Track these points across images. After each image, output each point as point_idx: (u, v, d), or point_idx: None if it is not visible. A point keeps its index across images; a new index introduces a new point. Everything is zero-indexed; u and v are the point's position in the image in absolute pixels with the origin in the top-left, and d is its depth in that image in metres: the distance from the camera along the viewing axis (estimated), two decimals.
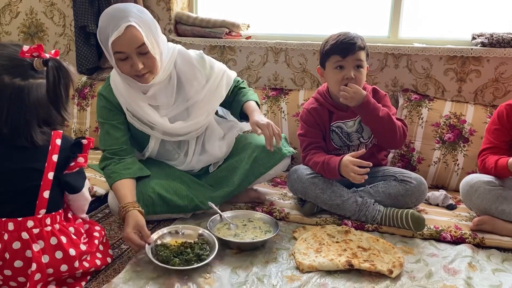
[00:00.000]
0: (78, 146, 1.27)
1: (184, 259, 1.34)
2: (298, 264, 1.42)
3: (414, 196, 1.73)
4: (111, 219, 1.78)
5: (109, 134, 1.68)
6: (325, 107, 1.86)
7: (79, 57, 2.65)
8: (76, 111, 2.65)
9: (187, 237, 1.50)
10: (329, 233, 1.60)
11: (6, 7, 3.00)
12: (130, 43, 1.51)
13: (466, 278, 1.36)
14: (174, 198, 1.67)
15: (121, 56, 1.54)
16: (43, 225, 1.21)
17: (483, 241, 1.59)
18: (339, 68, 1.76)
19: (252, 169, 1.77)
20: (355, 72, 1.75)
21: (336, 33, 1.80)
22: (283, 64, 2.52)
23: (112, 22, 1.49)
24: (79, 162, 1.26)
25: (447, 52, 2.22)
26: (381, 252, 1.48)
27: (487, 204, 1.67)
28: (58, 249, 1.21)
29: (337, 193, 1.74)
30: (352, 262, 1.39)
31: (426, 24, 2.43)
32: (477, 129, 2.08)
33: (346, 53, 1.73)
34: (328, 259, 1.42)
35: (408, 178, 1.74)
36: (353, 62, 1.74)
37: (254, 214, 1.71)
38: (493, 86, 2.23)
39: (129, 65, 1.56)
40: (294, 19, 2.64)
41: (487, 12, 2.33)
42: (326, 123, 1.86)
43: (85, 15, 2.56)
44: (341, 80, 1.75)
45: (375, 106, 1.74)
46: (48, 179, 1.21)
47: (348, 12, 2.54)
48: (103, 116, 1.70)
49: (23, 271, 1.18)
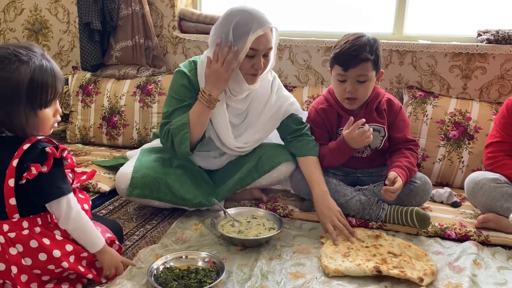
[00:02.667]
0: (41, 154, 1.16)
1: (184, 283, 1.28)
2: (324, 268, 1.37)
3: (418, 196, 1.72)
4: (115, 215, 1.79)
5: (177, 110, 1.69)
6: (334, 109, 1.80)
7: (83, 54, 2.65)
8: (80, 108, 2.66)
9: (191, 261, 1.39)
10: (359, 237, 1.53)
11: (10, 4, 3.01)
12: (267, 43, 1.62)
13: (471, 276, 1.35)
14: (180, 189, 1.69)
15: (252, 53, 1.62)
16: (19, 229, 1.16)
17: (488, 239, 1.58)
18: (341, 81, 1.71)
19: (256, 166, 1.79)
20: (357, 86, 1.68)
21: (348, 35, 1.71)
22: (287, 61, 2.52)
23: (255, 20, 1.58)
24: (31, 173, 1.13)
25: (452, 49, 2.21)
26: (413, 258, 1.41)
27: (492, 201, 1.66)
28: (40, 251, 1.17)
29: (340, 193, 1.72)
30: (380, 268, 1.33)
31: (431, 21, 2.42)
32: (482, 126, 2.07)
33: (347, 67, 1.66)
34: (355, 264, 1.36)
35: (413, 178, 1.73)
36: (355, 77, 1.67)
37: (258, 211, 1.71)
38: (499, 83, 2.22)
39: (251, 63, 1.64)
40: (299, 16, 2.63)
41: (492, 9, 2.32)
42: (334, 127, 1.81)
43: (89, 12, 2.56)
44: (342, 92, 1.71)
45: (407, 181, 1.68)
46: (9, 186, 1.14)
47: (352, 9, 2.53)
48: (178, 93, 1.71)
49: (7, 274, 1.15)
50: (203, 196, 1.73)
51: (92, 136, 2.63)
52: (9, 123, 1.17)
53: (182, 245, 1.52)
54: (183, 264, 1.37)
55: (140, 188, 1.68)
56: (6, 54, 1.15)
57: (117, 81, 2.65)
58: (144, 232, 1.65)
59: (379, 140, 1.78)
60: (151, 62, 2.73)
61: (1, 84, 1.14)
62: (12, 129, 1.19)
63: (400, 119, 1.80)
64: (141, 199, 1.72)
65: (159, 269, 1.34)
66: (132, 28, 2.62)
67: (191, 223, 1.68)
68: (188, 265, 1.37)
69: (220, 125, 1.73)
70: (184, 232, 1.60)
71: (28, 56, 1.17)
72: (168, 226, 1.68)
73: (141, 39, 2.64)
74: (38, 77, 1.16)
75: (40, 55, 1.19)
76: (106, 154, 2.42)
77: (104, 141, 2.62)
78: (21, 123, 1.17)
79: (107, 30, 2.67)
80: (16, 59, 1.15)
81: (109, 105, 2.59)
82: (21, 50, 1.17)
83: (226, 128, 1.74)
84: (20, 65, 1.15)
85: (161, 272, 1.33)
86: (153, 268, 1.32)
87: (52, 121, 1.24)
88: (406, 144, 1.79)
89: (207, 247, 1.52)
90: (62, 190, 1.19)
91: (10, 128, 1.19)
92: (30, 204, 1.19)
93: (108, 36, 2.69)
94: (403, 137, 1.79)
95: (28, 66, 1.15)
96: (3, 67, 1.14)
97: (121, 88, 2.60)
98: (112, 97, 2.59)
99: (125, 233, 1.62)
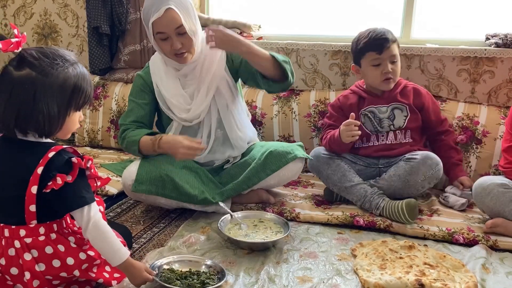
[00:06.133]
0: (66, 164, 1.17)
1: (187, 283, 1.29)
2: (363, 282, 1.33)
3: (421, 172, 1.73)
4: (122, 218, 1.80)
5: (132, 111, 1.83)
6: (356, 94, 1.97)
7: (92, 58, 2.68)
8: (88, 111, 2.68)
9: (195, 265, 1.40)
10: (391, 248, 1.49)
11: (20, 8, 3.05)
12: (169, 23, 1.65)
13: (480, 280, 1.35)
14: (185, 186, 1.70)
15: (162, 36, 1.68)
16: (36, 235, 1.17)
17: (496, 244, 1.57)
18: (376, 65, 1.84)
19: (263, 166, 1.78)
20: (391, 66, 1.84)
21: (364, 30, 1.89)
22: (294, 64, 2.52)
23: (154, 5, 1.64)
24: (56, 182, 1.13)
25: (460, 52, 2.20)
26: (450, 270, 1.38)
27: (500, 206, 1.65)
28: (54, 257, 1.18)
29: (347, 177, 1.81)
30: (423, 281, 1.29)
31: (438, 25, 2.41)
32: (490, 130, 2.05)
33: (382, 49, 1.82)
34: (396, 277, 1.32)
35: (413, 155, 1.76)
36: (388, 57, 1.84)
37: (265, 215, 1.71)
38: (507, 87, 2.21)
39: (169, 44, 1.69)
40: (305, 20, 2.63)
41: (501, 13, 2.30)
42: (354, 108, 1.93)
43: (98, 16, 2.59)
44: (380, 75, 1.85)
45: None
46: (32, 193, 1.15)
47: (360, 12, 2.53)
48: (133, 94, 1.87)
49: (20, 279, 1.17)
50: (209, 193, 1.73)
51: (100, 139, 2.65)
52: (41, 121, 1.15)
53: (189, 248, 1.53)
54: (185, 267, 1.38)
55: (146, 184, 1.69)
56: (55, 52, 1.18)
57: (125, 84, 2.67)
58: (152, 235, 1.66)
59: (402, 119, 1.91)
60: None
61: (50, 80, 1.15)
62: (41, 128, 1.17)
63: (432, 102, 1.99)
64: (147, 196, 1.73)
65: (161, 267, 1.35)
66: (141, 32, 2.64)
67: (198, 226, 1.69)
68: (190, 267, 1.38)
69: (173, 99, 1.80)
70: (191, 235, 1.60)
71: (73, 59, 1.21)
72: (175, 229, 1.69)
73: (149, 43, 2.66)
74: (82, 81, 1.21)
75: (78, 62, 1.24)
76: (114, 157, 2.44)
77: (112, 144, 2.64)
78: (54, 122, 1.17)
79: (115, 34, 2.69)
80: (65, 60, 1.18)
81: (117, 108, 2.61)
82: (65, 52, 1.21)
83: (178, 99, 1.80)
84: (69, 66, 1.18)
85: (163, 271, 1.34)
86: (156, 266, 1.34)
87: (77, 125, 1.27)
88: (442, 126, 1.98)
89: (214, 250, 1.52)
90: (85, 199, 1.18)
91: (39, 127, 1.17)
92: (48, 211, 1.19)
93: (116, 40, 2.72)
94: (438, 119, 1.98)
95: (74, 69, 1.20)
96: (53, 65, 1.16)
97: (129, 92, 2.61)
98: (120, 101, 2.61)
99: (133, 236, 1.63)
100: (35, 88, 1.13)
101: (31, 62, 1.14)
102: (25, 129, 1.18)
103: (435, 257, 1.46)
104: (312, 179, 2.17)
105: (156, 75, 1.82)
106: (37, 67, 1.14)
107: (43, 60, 1.15)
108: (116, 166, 2.22)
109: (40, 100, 1.14)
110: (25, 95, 1.13)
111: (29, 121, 1.15)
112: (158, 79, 1.82)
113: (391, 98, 1.92)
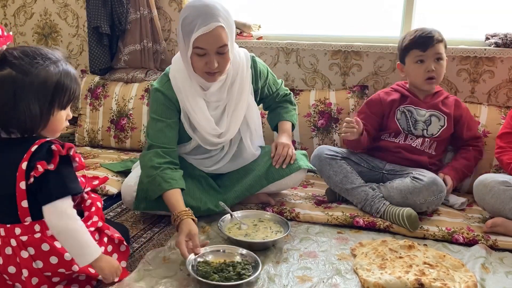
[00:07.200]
0: (47, 153, 1.16)
1: (224, 276, 1.31)
2: (363, 282, 1.33)
3: (422, 195, 1.70)
4: (122, 217, 1.80)
5: (163, 132, 1.66)
6: (398, 92, 1.96)
7: (92, 58, 2.68)
8: (88, 111, 2.68)
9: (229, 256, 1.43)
10: (391, 247, 1.50)
11: (20, 8, 3.05)
12: (214, 41, 1.53)
13: (479, 280, 1.35)
14: (187, 199, 1.65)
15: (200, 52, 1.55)
16: (31, 232, 1.17)
17: (496, 243, 1.58)
18: (420, 62, 1.86)
19: (266, 174, 1.78)
20: (435, 64, 1.85)
21: (413, 30, 1.93)
22: (294, 64, 2.52)
23: (200, 17, 1.50)
24: (37, 170, 1.12)
25: (460, 52, 2.21)
26: (450, 269, 1.38)
27: (501, 204, 1.65)
28: (52, 254, 1.18)
29: (349, 179, 1.81)
30: (422, 280, 1.29)
31: (438, 24, 2.40)
32: (491, 130, 2.05)
33: (426, 47, 1.83)
34: (395, 277, 1.32)
35: (421, 176, 1.73)
36: (433, 55, 1.85)
37: (265, 214, 1.71)
38: (507, 87, 2.21)
39: (204, 61, 1.57)
40: (305, 20, 2.63)
41: (500, 12, 2.31)
42: (395, 104, 1.93)
43: (98, 16, 2.59)
44: (423, 73, 1.86)
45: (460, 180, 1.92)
46: (21, 188, 1.14)
47: (360, 12, 2.53)
48: (160, 114, 1.67)
49: (18, 277, 1.17)
50: (211, 203, 1.72)
51: (101, 139, 2.65)
52: (23, 120, 1.16)
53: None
54: (220, 257, 1.41)
55: (146, 202, 1.67)
56: (36, 51, 1.18)
57: (125, 84, 2.67)
58: (152, 234, 1.66)
59: (437, 127, 1.90)
60: (159, 66, 2.74)
61: (30, 79, 1.15)
62: (23, 127, 1.18)
63: (471, 118, 1.99)
64: (149, 211, 1.73)
65: (196, 260, 1.37)
66: (141, 32, 2.64)
67: (198, 226, 1.67)
68: (225, 259, 1.40)
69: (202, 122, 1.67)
70: None
71: (55, 57, 1.20)
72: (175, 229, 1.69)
73: (149, 43, 2.66)
74: (65, 79, 1.20)
75: (64, 59, 1.23)
76: (114, 157, 2.44)
77: (112, 144, 2.64)
78: (36, 121, 1.18)
79: (115, 34, 2.69)
80: (46, 58, 1.18)
81: (117, 108, 2.61)
82: (48, 51, 1.20)
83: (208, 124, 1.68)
84: (50, 64, 1.18)
85: (198, 264, 1.35)
86: (190, 259, 1.35)
87: (64, 124, 1.26)
88: (473, 141, 1.97)
89: None
90: (68, 189, 1.17)
91: (21, 126, 1.18)
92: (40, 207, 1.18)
93: (116, 40, 2.72)
94: (473, 135, 1.97)
95: (57, 67, 1.19)
96: (33, 63, 1.16)
97: (129, 92, 2.62)
98: (120, 101, 2.61)
99: (133, 236, 1.63)
100: (15, 88, 1.14)
101: (11, 62, 1.15)
102: (7, 128, 1.18)
103: (434, 256, 1.46)
104: (312, 179, 2.17)
105: (182, 93, 1.66)
106: (17, 66, 1.15)
107: (23, 59, 1.15)
108: (116, 166, 2.22)
109: (21, 99, 1.15)
110: (6, 94, 1.14)
111: (11, 120, 1.16)
112: (184, 97, 1.66)
113: (432, 105, 1.92)
